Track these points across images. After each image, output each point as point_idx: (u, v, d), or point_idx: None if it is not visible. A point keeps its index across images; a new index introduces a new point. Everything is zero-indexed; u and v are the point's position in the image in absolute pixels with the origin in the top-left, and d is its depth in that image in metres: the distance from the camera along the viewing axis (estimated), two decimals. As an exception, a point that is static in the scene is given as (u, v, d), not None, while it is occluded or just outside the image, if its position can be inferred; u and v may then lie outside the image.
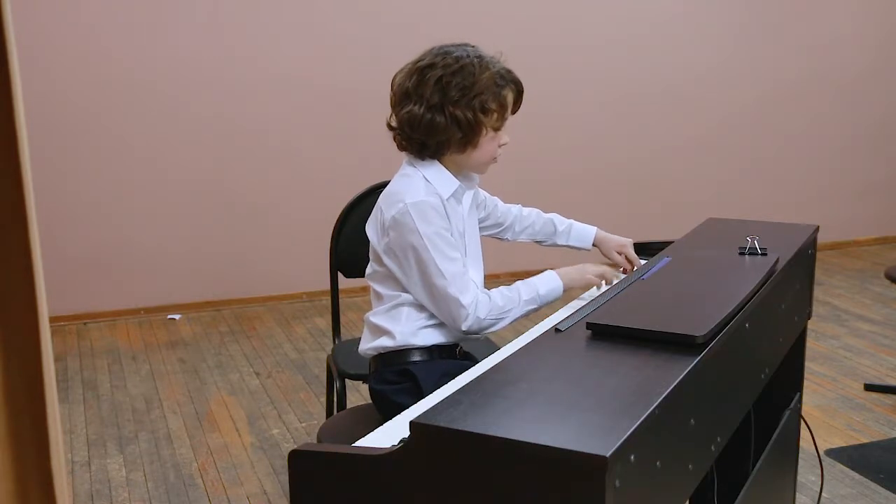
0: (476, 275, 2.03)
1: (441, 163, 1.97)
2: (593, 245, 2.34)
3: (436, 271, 1.88)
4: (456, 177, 1.99)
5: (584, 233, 2.34)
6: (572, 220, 2.36)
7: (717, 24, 5.28)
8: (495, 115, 1.94)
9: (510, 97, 1.96)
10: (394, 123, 1.98)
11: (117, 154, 4.44)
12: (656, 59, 5.19)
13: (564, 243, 2.35)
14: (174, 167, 4.53)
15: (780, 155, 5.59)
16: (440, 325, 1.99)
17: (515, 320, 1.96)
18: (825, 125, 5.63)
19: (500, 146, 1.99)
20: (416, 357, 1.98)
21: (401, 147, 2.00)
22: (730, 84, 5.36)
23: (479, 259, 2.08)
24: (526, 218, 2.34)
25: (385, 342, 1.99)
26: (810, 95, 5.55)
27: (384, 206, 1.95)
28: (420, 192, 1.91)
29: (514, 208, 2.34)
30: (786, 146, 5.59)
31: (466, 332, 1.94)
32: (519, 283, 1.98)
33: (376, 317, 2.02)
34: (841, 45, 5.54)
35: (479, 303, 1.90)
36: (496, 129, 1.96)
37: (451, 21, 4.68)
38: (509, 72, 1.96)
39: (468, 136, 1.92)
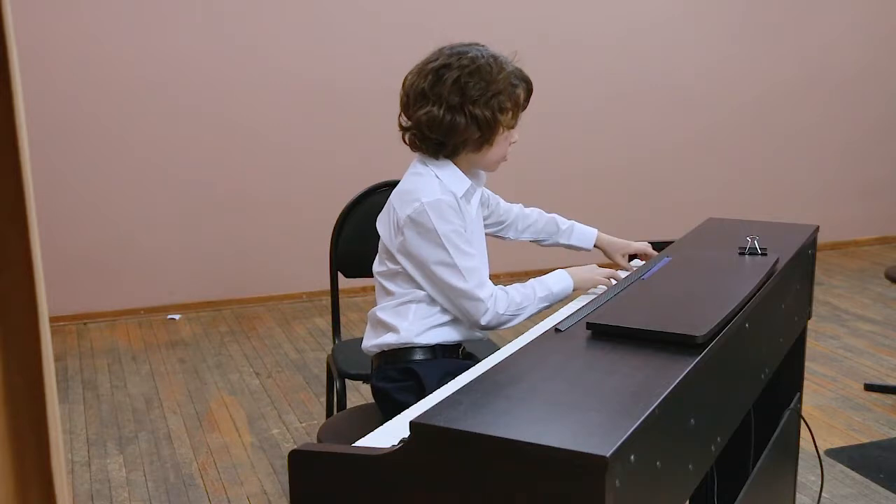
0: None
1: (454, 162, 1.98)
2: (596, 247, 2.36)
3: (453, 268, 1.89)
4: (466, 175, 2.00)
5: (585, 233, 2.36)
6: (574, 221, 2.38)
7: (718, 24, 5.28)
8: (511, 114, 1.96)
9: (523, 95, 1.98)
10: (405, 123, 1.99)
11: (117, 154, 4.44)
12: (656, 59, 5.19)
13: (566, 242, 2.36)
14: (174, 167, 4.53)
15: (780, 155, 5.59)
16: (446, 324, 1.99)
17: (530, 317, 1.98)
18: (825, 125, 5.64)
19: (510, 144, 2.02)
20: (419, 356, 1.98)
21: (414, 147, 2.00)
22: (730, 84, 5.37)
23: (485, 258, 2.09)
24: (528, 216, 2.35)
25: (388, 339, 1.99)
26: (810, 95, 5.55)
27: (398, 205, 1.95)
28: (435, 190, 1.92)
29: (516, 207, 2.35)
30: (786, 146, 5.59)
31: (485, 327, 1.95)
32: (532, 280, 2.00)
33: (383, 312, 2.02)
34: (841, 45, 5.54)
35: (497, 298, 1.92)
36: (510, 128, 1.99)
37: (452, 21, 4.68)
38: (521, 71, 1.98)
39: (486, 135, 1.94)
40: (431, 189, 1.92)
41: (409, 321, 1.98)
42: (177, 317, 4.58)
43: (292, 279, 4.78)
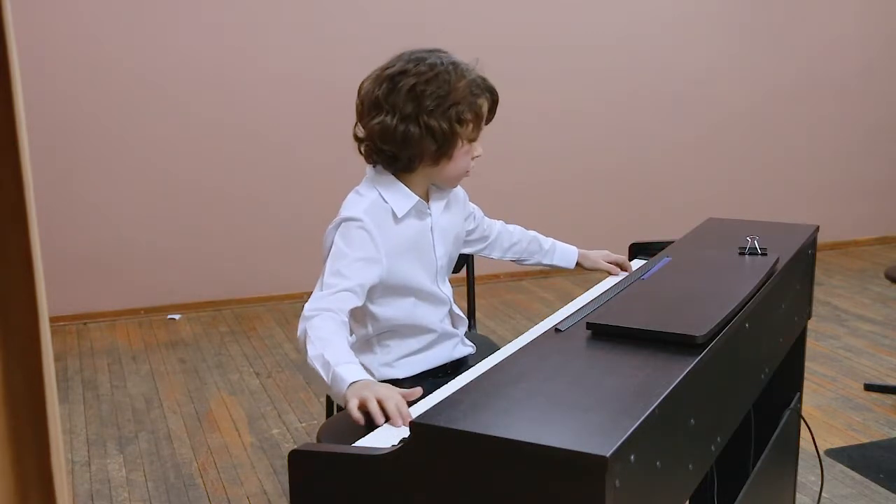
0: (444, 288, 1.99)
1: (410, 176, 1.89)
2: (577, 265, 2.28)
3: (324, 270, 1.83)
4: (415, 191, 1.90)
5: (567, 252, 2.29)
6: (554, 240, 2.31)
7: (718, 25, 5.28)
8: (471, 126, 1.84)
9: (485, 106, 1.86)
10: (361, 134, 1.89)
11: (117, 154, 4.44)
12: (657, 60, 5.19)
13: (549, 262, 2.28)
14: (174, 167, 4.53)
15: (780, 155, 5.59)
16: (418, 352, 1.94)
17: (311, 359, 1.65)
18: (825, 125, 5.64)
19: (473, 158, 1.90)
20: (406, 384, 1.88)
21: (369, 159, 1.90)
22: (730, 84, 5.36)
23: (447, 271, 2.02)
24: (512, 234, 2.26)
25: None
26: (810, 96, 5.55)
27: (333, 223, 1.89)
28: (359, 208, 1.84)
29: (498, 224, 2.26)
30: (786, 146, 5.59)
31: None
32: (342, 346, 1.67)
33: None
34: (841, 45, 5.54)
35: (312, 319, 1.69)
36: (471, 141, 1.87)
37: (451, 21, 4.67)
38: (484, 80, 1.86)
39: (443, 148, 1.82)
40: (357, 207, 1.85)
41: (378, 357, 1.94)
42: (177, 317, 4.58)
43: (292, 279, 4.78)
